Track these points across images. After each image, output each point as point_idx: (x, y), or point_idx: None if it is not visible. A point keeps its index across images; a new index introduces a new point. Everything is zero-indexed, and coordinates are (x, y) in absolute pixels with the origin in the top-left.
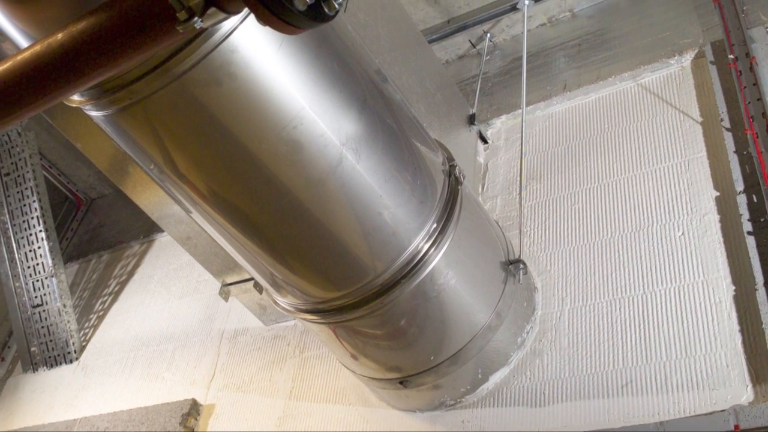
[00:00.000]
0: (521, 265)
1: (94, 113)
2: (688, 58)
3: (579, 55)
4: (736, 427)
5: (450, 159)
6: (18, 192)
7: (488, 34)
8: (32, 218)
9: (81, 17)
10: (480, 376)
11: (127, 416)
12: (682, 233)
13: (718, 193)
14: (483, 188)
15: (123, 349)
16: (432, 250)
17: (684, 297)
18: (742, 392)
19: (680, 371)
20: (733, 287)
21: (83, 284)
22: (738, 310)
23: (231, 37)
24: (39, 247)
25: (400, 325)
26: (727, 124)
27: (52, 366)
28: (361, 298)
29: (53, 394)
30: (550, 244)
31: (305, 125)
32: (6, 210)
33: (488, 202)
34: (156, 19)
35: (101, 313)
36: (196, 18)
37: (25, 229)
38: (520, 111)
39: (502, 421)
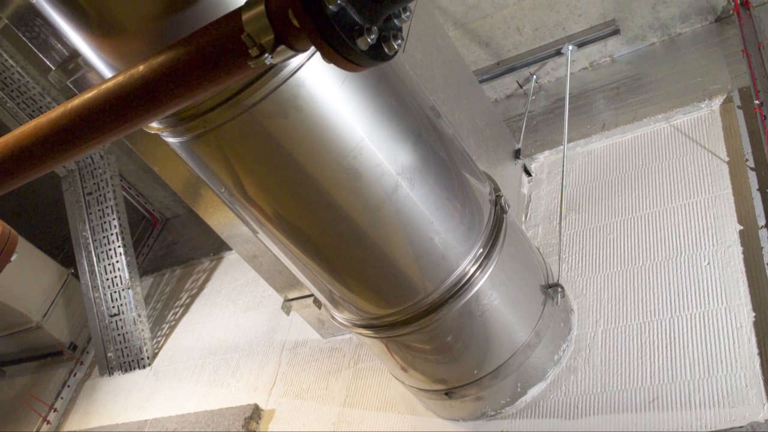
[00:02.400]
0: (559, 289)
1: (170, 139)
2: (717, 102)
3: (617, 97)
4: None
5: (496, 189)
6: (99, 210)
7: (534, 76)
8: (112, 234)
9: (160, 51)
10: (519, 390)
11: (194, 418)
12: (708, 263)
13: (741, 227)
14: (526, 217)
15: (192, 357)
16: (478, 272)
17: (708, 321)
18: (759, 410)
19: (703, 390)
20: (754, 314)
21: (157, 296)
22: (757, 335)
23: (298, 72)
24: (117, 261)
25: (446, 341)
26: (751, 164)
27: (126, 371)
28: (411, 315)
29: (127, 396)
30: (587, 270)
31: (364, 155)
32: (88, 226)
33: (530, 230)
34: (230, 54)
35: (173, 323)
36: (266, 54)
37: (105, 245)
38: (561, 147)
39: None
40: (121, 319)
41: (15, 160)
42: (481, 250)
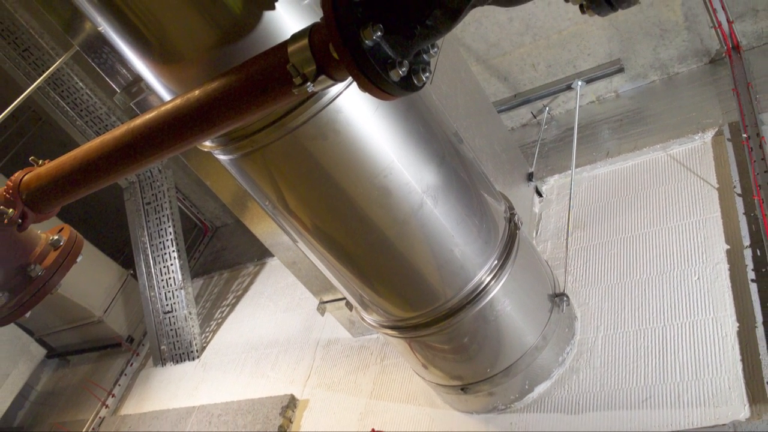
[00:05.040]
0: (565, 298)
1: (221, 157)
2: (709, 135)
3: (620, 128)
4: None
5: (511, 208)
6: (156, 218)
7: (547, 108)
8: (167, 240)
9: (214, 78)
10: (527, 387)
11: (236, 406)
12: (698, 278)
13: (728, 247)
14: (537, 233)
15: (236, 351)
16: (492, 281)
17: (696, 330)
18: (741, 410)
19: (691, 391)
20: (737, 324)
21: (206, 296)
22: (740, 343)
23: (337, 100)
24: (171, 264)
25: (463, 342)
26: (738, 190)
27: (177, 362)
28: (432, 318)
29: (177, 385)
30: (590, 281)
31: (394, 175)
32: (146, 233)
33: (540, 245)
34: (276, 82)
35: (220, 321)
36: (309, 83)
37: (161, 249)
38: (570, 172)
39: (543, 425)
40: (173, 316)
41: (83, 171)
42: (496, 261)
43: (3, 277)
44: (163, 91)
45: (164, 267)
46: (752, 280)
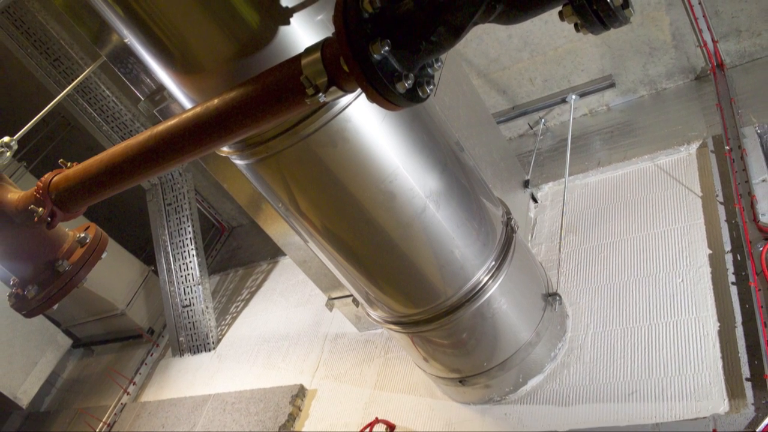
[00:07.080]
0: (557, 297)
1: (238, 162)
2: (694, 146)
3: (611, 139)
4: (714, 430)
5: (508, 213)
6: (176, 218)
7: (543, 120)
8: (186, 239)
9: (232, 88)
10: (521, 380)
11: (249, 394)
12: (682, 280)
13: (711, 252)
14: (532, 237)
15: (249, 343)
16: (490, 281)
17: (680, 329)
18: (720, 404)
19: (674, 386)
20: (718, 324)
21: (222, 292)
22: (721, 342)
23: (346, 109)
24: (190, 262)
25: (462, 338)
26: (721, 199)
27: (194, 353)
28: (433, 315)
29: (194, 374)
30: (581, 282)
31: (399, 180)
32: (167, 232)
33: (535, 248)
34: (290, 92)
35: (234, 315)
36: (320, 94)
37: (180, 247)
38: (563, 179)
39: (536, 416)
40: (191, 310)
41: (108, 174)
42: (493, 262)
43: (33, 271)
44: (184, 100)
45: (183, 264)
46: (732, 283)
